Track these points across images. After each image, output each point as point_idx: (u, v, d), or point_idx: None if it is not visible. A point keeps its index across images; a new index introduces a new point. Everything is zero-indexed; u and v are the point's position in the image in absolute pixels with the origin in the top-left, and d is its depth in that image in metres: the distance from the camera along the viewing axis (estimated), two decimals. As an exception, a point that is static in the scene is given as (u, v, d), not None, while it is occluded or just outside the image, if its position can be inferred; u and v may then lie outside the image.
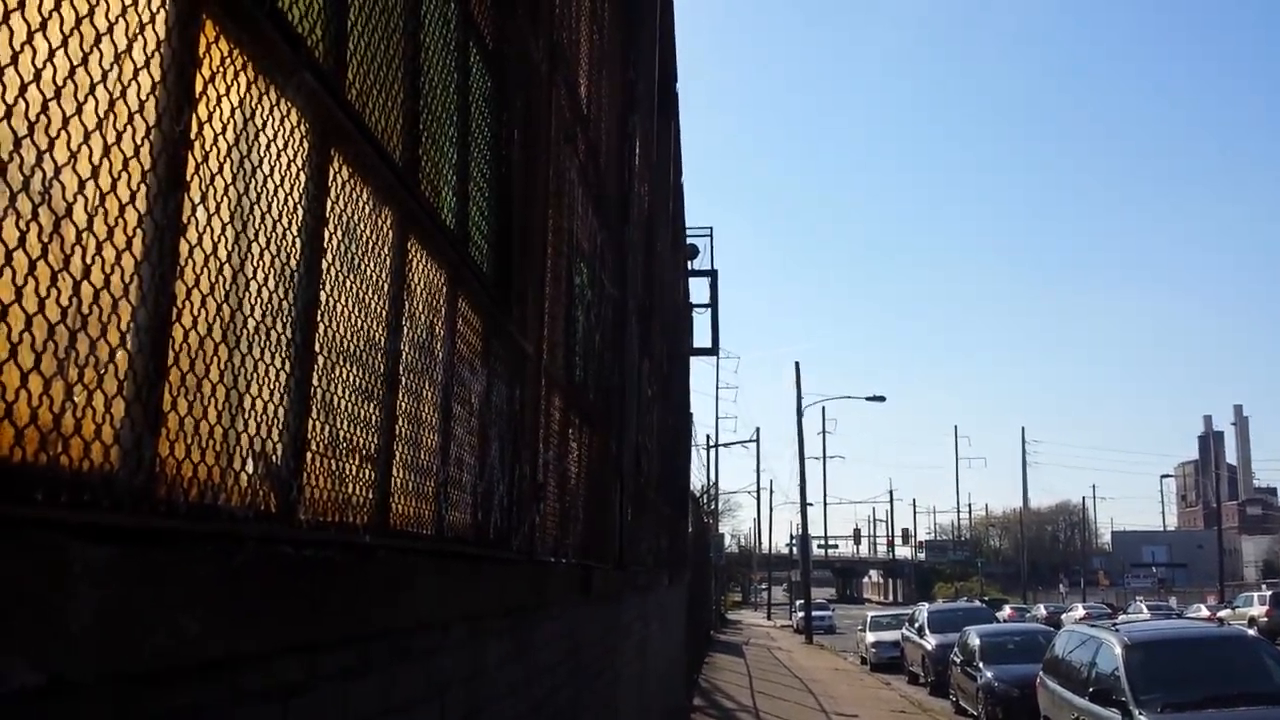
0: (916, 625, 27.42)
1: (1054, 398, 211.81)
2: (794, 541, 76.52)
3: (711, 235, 25.88)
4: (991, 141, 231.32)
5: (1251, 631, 20.99)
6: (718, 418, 79.31)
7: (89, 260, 1.19)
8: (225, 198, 1.51)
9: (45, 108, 1.11)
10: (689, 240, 22.67)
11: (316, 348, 1.84)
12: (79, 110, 1.17)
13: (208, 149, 1.47)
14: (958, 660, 21.13)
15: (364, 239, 2.11)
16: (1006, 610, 49.75)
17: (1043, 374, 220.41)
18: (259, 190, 1.62)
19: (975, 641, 20.62)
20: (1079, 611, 48.56)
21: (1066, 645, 14.24)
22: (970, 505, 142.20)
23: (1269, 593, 41.50)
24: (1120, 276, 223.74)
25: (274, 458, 1.67)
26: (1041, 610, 54.27)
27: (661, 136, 12.54)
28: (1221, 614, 41.07)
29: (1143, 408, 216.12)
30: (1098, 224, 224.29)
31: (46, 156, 1.12)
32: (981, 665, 19.46)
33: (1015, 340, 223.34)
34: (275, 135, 1.68)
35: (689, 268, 23.01)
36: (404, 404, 2.38)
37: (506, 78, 3.62)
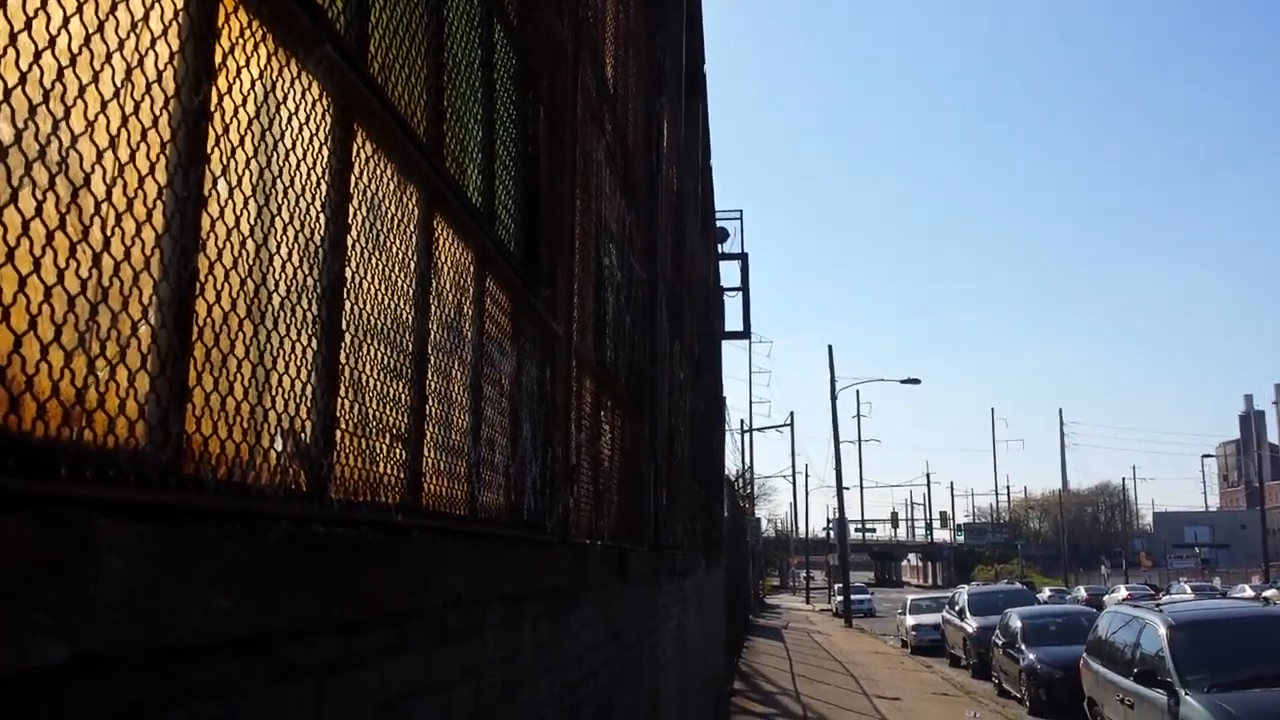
0: (957, 608, 27.26)
1: (1092, 379, 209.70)
2: (831, 525, 76.33)
3: (742, 218, 25.79)
4: (1027, 124, 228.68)
5: (1298, 610, 20.69)
6: (751, 402, 79.26)
7: (109, 232, 1.17)
8: (247, 171, 1.49)
9: (61, 75, 1.09)
10: (719, 224, 22.57)
11: (343, 325, 1.82)
12: (95, 79, 1.16)
13: (228, 121, 1.44)
14: (1000, 642, 20.99)
15: (389, 215, 2.09)
16: (1045, 592, 49.30)
17: (1080, 355, 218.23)
18: (281, 164, 1.60)
19: (1017, 624, 20.47)
20: (1121, 593, 48.06)
21: (1110, 626, 14.10)
22: (1009, 488, 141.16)
23: (1314, 571, 40.80)
24: (1157, 255, 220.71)
25: (303, 436, 1.66)
26: (1082, 592, 53.65)
27: (690, 119, 12.47)
28: (1267, 594, 40.50)
29: (1182, 388, 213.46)
30: (1134, 203, 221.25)
31: (63, 124, 1.10)
32: (1024, 647, 19.32)
33: (1052, 321, 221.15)
34: (297, 109, 1.66)
35: (719, 251, 22.91)
36: (433, 383, 2.36)
37: (531, 56, 3.59)
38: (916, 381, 49.68)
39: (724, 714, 15.13)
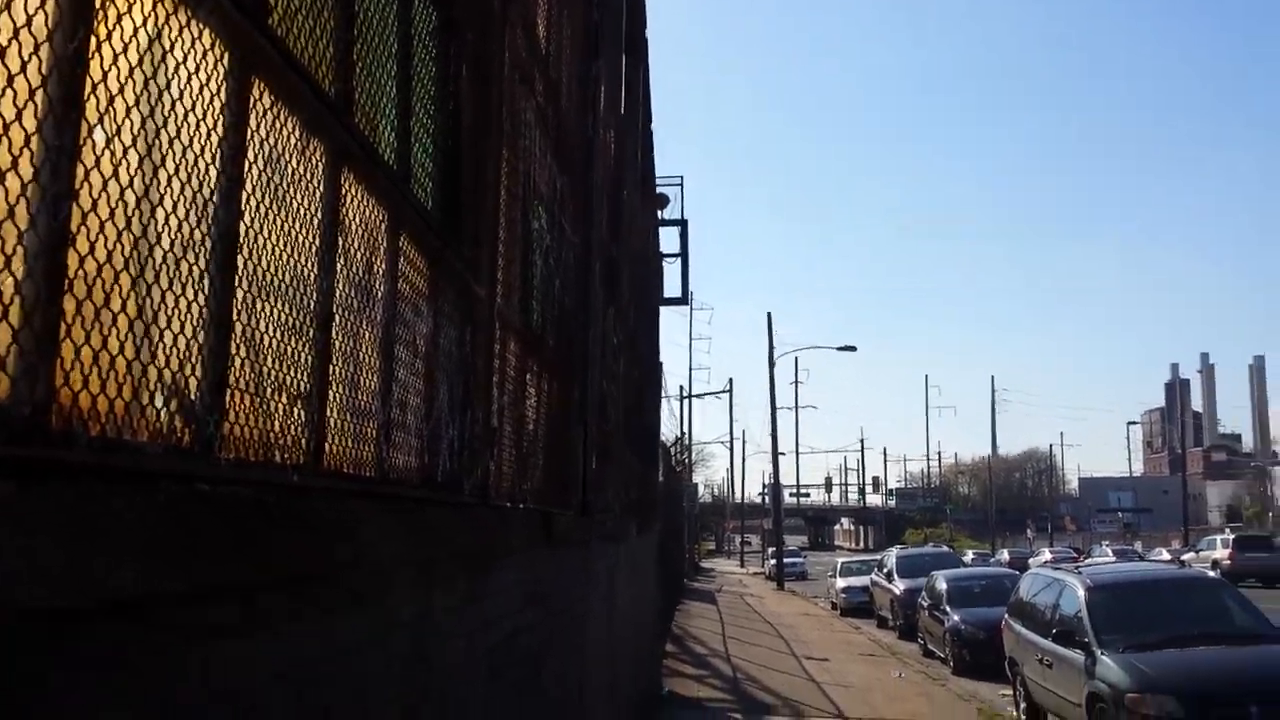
0: (885, 570, 27.81)
1: (1023, 346, 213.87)
2: (766, 490, 77.19)
3: (682, 185, 25.73)
4: (962, 92, 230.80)
5: (1213, 574, 21.42)
6: (691, 369, 79.74)
7: (-36, 179, 1.13)
8: (127, 121, 1.44)
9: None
10: (660, 189, 22.51)
11: (237, 281, 1.78)
12: (-52, 19, 1.11)
13: (106, 70, 1.40)
14: (925, 604, 21.47)
15: (290, 171, 2.04)
16: (969, 555, 50.37)
17: (1012, 323, 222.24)
18: (166, 115, 1.55)
19: (942, 586, 20.95)
20: (1045, 555, 49.29)
21: (1031, 588, 14.48)
22: (940, 453, 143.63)
23: (1231, 537, 42.29)
24: (1089, 226, 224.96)
25: (189, 393, 1.62)
26: (1005, 555, 54.75)
27: (630, 81, 12.37)
28: (1185, 557, 41.85)
29: (1111, 356, 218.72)
30: (1068, 173, 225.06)
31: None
32: (949, 609, 19.79)
33: (985, 290, 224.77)
34: (185, 58, 1.61)
35: (660, 217, 22.87)
36: (339, 343, 2.32)
37: (454, 12, 3.53)
38: (853, 349, 50.34)
39: (656, 676, 15.30)
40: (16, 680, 1.13)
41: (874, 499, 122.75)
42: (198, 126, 1.64)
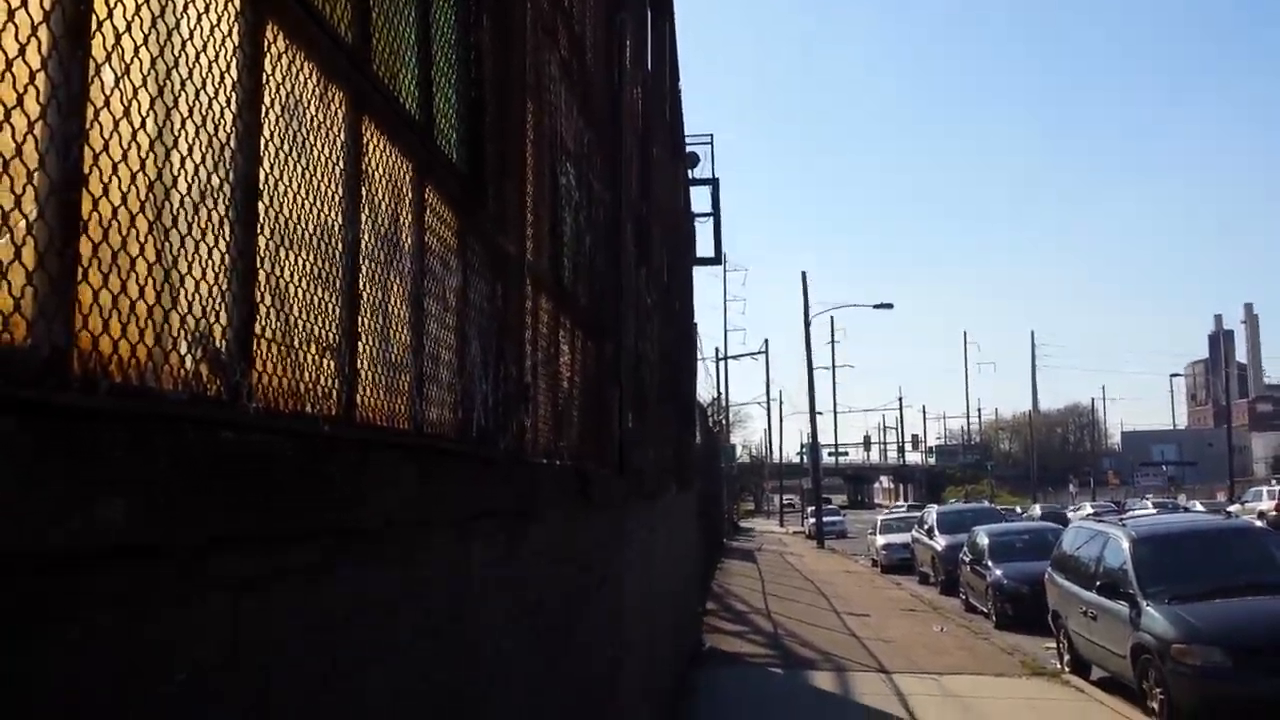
0: (926, 527, 27.71)
1: (1064, 300, 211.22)
2: (805, 450, 77.05)
3: (712, 143, 25.53)
4: (996, 41, 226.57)
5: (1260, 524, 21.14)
6: (726, 330, 79.51)
7: (-32, 114, 1.09)
8: (136, 60, 1.40)
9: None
10: (689, 148, 22.31)
11: (259, 229, 1.75)
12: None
13: (111, 5, 1.36)
14: (967, 559, 21.39)
15: (309, 118, 2.00)
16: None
17: (1052, 276, 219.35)
18: (177, 55, 1.51)
19: (984, 541, 20.85)
20: (1086, 509, 48.86)
21: (1074, 541, 14.38)
22: (980, 410, 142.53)
23: (1278, 487, 41.73)
24: (1129, 175, 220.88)
25: (214, 341, 1.60)
26: (1036, 510, 53.88)
27: (657, 38, 12.22)
28: (1231, 509, 41.38)
29: (1153, 308, 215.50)
30: (1106, 121, 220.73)
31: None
32: (990, 564, 19.71)
33: (1024, 243, 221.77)
34: (193, -3, 1.56)
35: (690, 176, 22.69)
36: (367, 294, 2.29)
37: (474, -39, 3.46)
38: (889, 306, 49.81)
39: (696, 633, 15.37)
40: (30, 619, 1.11)
41: (913, 457, 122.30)
42: (210, 68, 1.60)
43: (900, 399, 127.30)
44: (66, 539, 1.14)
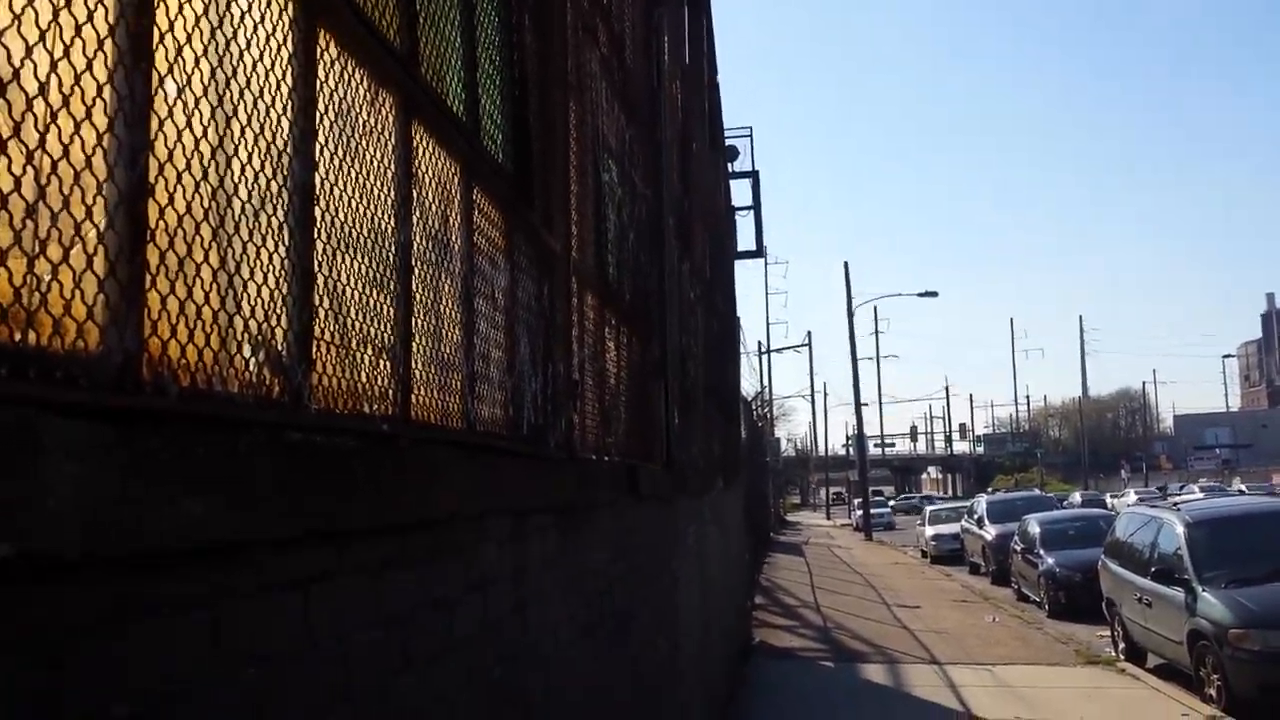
0: (975, 516, 27.46)
1: (1111, 284, 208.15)
2: (850, 442, 76.66)
3: (751, 136, 25.42)
4: (1041, 27, 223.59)
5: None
6: (768, 323, 79.09)
7: (42, 129, 1.13)
8: (196, 71, 1.44)
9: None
10: (729, 142, 22.25)
11: (315, 233, 1.78)
12: (16, -32, 1.10)
13: (172, 18, 1.39)
14: (1018, 549, 21.17)
15: (362, 123, 2.03)
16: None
17: (1099, 260, 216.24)
18: (235, 65, 1.54)
19: (1035, 529, 20.62)
20: (1130, 496, 48.28)
21: (1127, 528, 14.17)
22: (1029, 397, 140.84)
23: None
24: (1175, 153, 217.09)
25: (276, 344, 1.63)
26: (1076, 497, 53.06)
27: (694, 33, 12.20)
28: (1286, 490, 40.52)
29: (1203, 289, 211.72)
30: (1152, 99, 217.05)
31: (-19, 16, 1.05)
32: (1042, 552, 19.49)
33: (1069, 227, 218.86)
34: (250, 6, 1.59)
35: (730, 170, 22.63)
36: (420, 295, 2.32)
37: (513, -38, 3.48)
38: (934, 294, 49.24)
39: (746, 628, 15.36)
40: (107, 618, 1.14)
41: (961, 446, 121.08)
42: (267, 77, 1.64)
43: (947, 388, 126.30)
44: (151, 539, 1.17)
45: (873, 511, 47.77)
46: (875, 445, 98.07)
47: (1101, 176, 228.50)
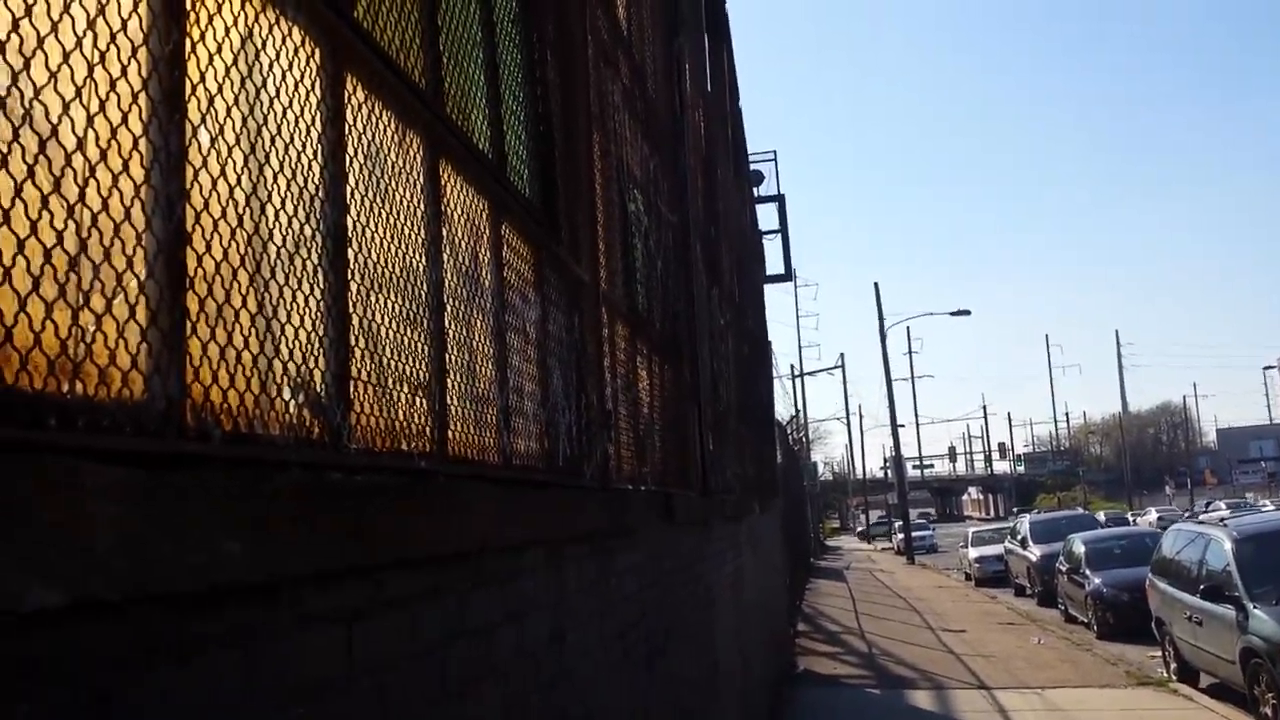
0: (1019, 537, 27.07)
1: (1147, 296, 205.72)
2: (888, 464, 76.06)
3: (776, 159, 25.46)
4: (1067, 40, 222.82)
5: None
6: (800, 346, 78.78)
7: (82, 183, 1.16)
8: (228, 120, 1.47)
9: (16, 26, 1.08)
10: (753, 166, 22.31)
11: (349, 275, 1.81)
12: (54, 29, 1.14)
13: (203, 70, 1.43)
14: (1064, 569, 20.84)
15: (390, 164, 2.07)
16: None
17: (1135, 274, 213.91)
18: (265, 113, 1.58)
19: (1081, 549, 20.29)
20: (1151, 515, 47.95)
21: (1174, 545, 13.93)
22: (1068, 414, 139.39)
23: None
24: (1208, 161, 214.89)
25: (315, 386, 1.65)
26: (1101, 516, 52.18)
27: (715, 61, 12.28)
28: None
29: (1241, 299, 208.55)
30: (1183, 111, 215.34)
31: (23, 76, 1.08)
32: (1089, 572, 19.17)
33: (1101, 240, 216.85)
34: (278, 55, 1.63)
35: (755, 194, 22.68)
36: (453, 331, 2.35)
37: None
38: (967, 313, 48.87)
39: (788, 656, 15.22)
40: (153, 655, 1.16)
41: (1001, 465, 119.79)
42: (297, 123, 1.67)
43: (984, 407, 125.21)
44: (192, 580, 1.19)
45: (914, 533, 47.24)
46: (914, 467, 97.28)
47: (1131, 187, 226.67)
